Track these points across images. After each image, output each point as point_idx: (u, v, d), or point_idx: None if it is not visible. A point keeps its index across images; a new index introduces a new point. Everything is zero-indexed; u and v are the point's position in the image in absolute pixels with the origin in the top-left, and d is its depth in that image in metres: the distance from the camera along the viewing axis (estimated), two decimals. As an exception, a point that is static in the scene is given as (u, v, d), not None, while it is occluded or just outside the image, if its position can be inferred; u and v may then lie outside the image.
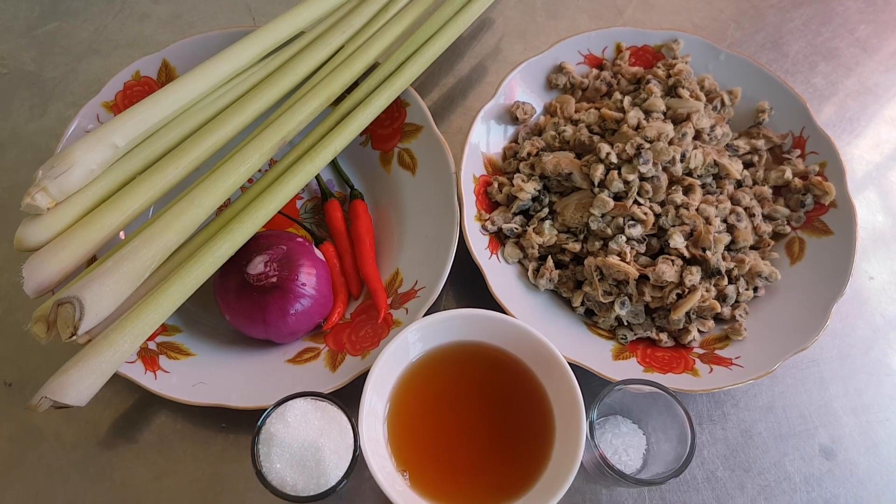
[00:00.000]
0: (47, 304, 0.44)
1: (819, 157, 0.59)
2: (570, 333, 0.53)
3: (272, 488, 0.40)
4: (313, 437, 0.41)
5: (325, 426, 0.42)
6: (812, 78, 0.71)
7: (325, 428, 0.42)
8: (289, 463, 0.41)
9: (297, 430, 0.41)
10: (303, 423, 0.42)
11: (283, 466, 0.41)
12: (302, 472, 0.41)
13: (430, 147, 0.57)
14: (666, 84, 0.59)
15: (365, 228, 0.56)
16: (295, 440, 0.41)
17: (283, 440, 0.41)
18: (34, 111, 0.65)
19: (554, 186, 0.56)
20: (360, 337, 0.52)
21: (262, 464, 0.41)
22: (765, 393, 0.55)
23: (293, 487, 0.41)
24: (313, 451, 0.41)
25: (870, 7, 0.76)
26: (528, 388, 0.48)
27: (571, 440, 0.44)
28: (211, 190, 0.49)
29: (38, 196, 0.46)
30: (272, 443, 0.41)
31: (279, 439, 0.41)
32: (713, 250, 0.51)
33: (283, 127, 0.52)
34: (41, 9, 0.71)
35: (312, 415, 0.42)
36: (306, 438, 0.41)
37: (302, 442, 0.41)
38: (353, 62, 0.56)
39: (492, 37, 0.72)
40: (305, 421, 0.42)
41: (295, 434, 0.41)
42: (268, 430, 0.41)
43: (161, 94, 0.51)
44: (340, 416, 0.43)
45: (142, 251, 0.46)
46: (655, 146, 0.52)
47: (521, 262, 0.56)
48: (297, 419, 0.42)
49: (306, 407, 0.42)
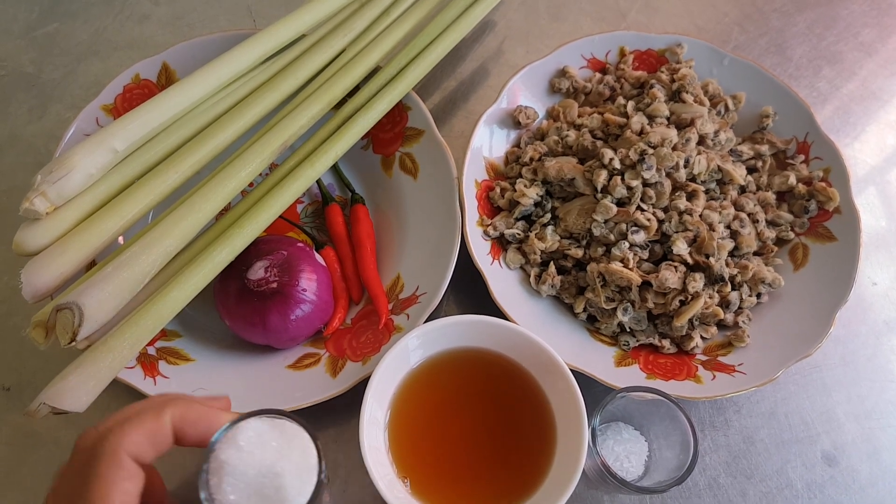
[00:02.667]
0: (46, 310, 0.44)
1: (823, 162, 0.58)
2: (573, 340, 0.53)
3: None
4: (271, 461, 0.35)
5: (285, 447, 0.36)
6: (816, 82, 0.71)
7: (285, 449, 0.36)
8: (245, 494, 0.34)
9: (252, 456, 0.35)
10: (258, 447, 0.35)
11: (238, 499, 0.34)
12: (262, 501, 0.34)
13: (431, 151, 0.56)
14: (670, 89, 0.59)
15: (366, 233, 0.56)
16: (250, 467, 0.34)
17: (237, 468, 0.34)
18: (33, 113, 0.64)
19: (556, 192, 0.56)
20: (361, 343, 0.51)
21: (214, 498, 0.34)
22: (767, 399, 0.55)
23: None
24: (272, 477, 0.35)
25: (874, 11, 0.76)
26: (530, 394, 0.47)
27: (573, 447, 0.44)
28: (211, 195, 0.48)
29: (36, 200, 0.45)
30: (223, 472, 0.34)
31: (232, 467, 0.34)
32: (717, 257, 0.51)
33: (284, 131, 0.52)
34: (40, 10, 0.71)
35: (269, 435, 0.36)
36: (263, 464, 0.35)
37: (258, 468, 0.34)
38: (354, 66, 0.56)
39: (494, 39, 0.71)
40: (261, 444, 0.35)
41: (249, 460, 0.34)
42: (217, 458, 0.34)
43: (161, 97, 0.50)
44: (301, 435, 0.36)
45: (141, 257, 0.45)
46: (659, 151, 0.51)
47: (522, 267, 0.55)
48: (251, 442, 0.35)
49: (261, 427, 0.36)
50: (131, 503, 0.31)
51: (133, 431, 0.32)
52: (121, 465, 0.31)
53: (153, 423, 0.33)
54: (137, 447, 0.32)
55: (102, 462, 0.31)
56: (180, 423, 0.34)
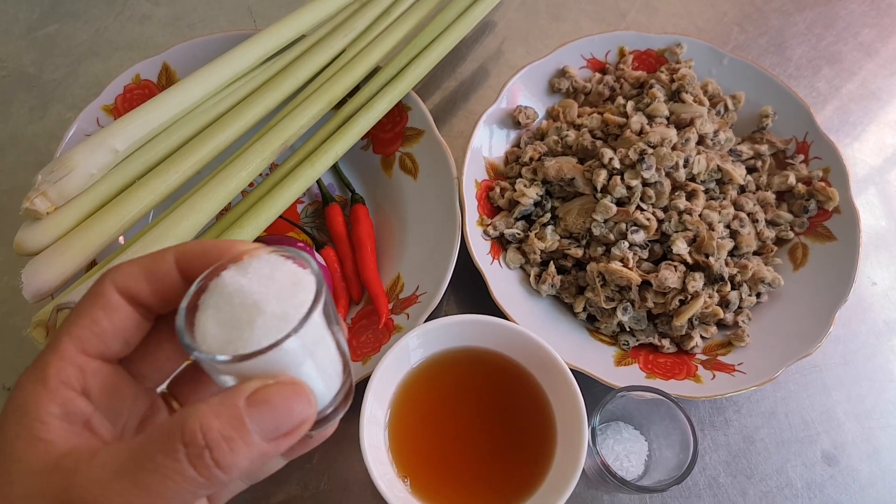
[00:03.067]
0: (47, 309, 0.44)
1: (822, 162, 0.58)
2: (572, 339, 0.53)
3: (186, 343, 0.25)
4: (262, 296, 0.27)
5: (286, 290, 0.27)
6: (815, 82, 0.71)
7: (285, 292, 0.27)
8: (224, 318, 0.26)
9: (250, 284, 0.27)
10: (261, 279, 0.27)
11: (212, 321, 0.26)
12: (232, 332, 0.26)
13: (431, 151, 0.56)
14: (669, 88, 0.59)
15: (366, 233, 0.56)
16: (240, 294, 0.27)
17: (228, 291, 0.27)
18: (34, 113, 0.64)
19: (556, 191, 0.56)
20: (361, 342, 0.51)
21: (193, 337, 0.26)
22: (767, 399, 0.55)
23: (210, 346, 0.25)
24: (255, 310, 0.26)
25: (873, 11, 0.76)
26: (530, 393, 0.47)
27: (573, 446, 0.44)
28: (212, 194, 0.48)
29: (37, 200, 0.45)
30: (214, 292, 0.27)
31: (224, 289, 0.27)
32: (716, 256, 0.51)
33: (284, 131, 0.52)
34: (41, 10, 0.71)
35: (280, 275, 0.28)
36: (253, 295, 0.27)
37: (245, 298, 0.27)
38: (354, 66, 0.56)
39: (494, 40, 0.71)
40: (267, 278, 0.27)
41: (244, 287, 0.27)
42: (215, 277, 0.27)
43: (161, 97, 0.51)
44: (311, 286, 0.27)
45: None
46: (658, 151, 0.51)
47: (522, 267, 0.55)
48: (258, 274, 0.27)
49: (278, 264, 0.28)
50: (103, 336, 0.25)
51: (126, 265, 0.27)
52: (101, 294, 0.26)
53: (151, 258, 0.27)
54: (128, 279, 0.26)
55: (87, 293, 0.26)
56: (185, 255, 0.27)
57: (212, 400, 0.23)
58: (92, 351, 0.25)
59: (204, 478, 0.22)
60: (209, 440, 0.22)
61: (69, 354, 0.25)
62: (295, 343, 0.25)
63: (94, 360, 0.25)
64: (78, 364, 0.25)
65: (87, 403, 0.25)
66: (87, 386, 0.25)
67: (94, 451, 0.23)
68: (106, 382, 0.26)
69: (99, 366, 0.26)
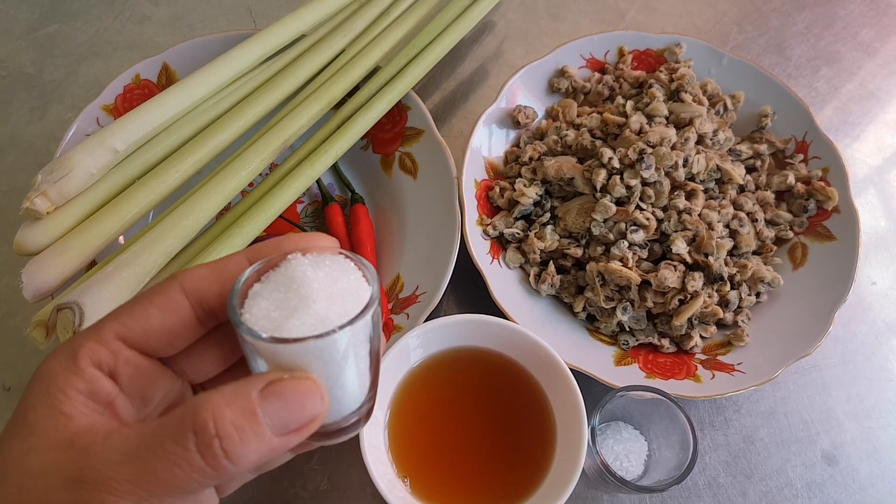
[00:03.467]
0: (47, 309, 0.44)
1: (822, 161, 0.59)
2: (572, 339, 0.53)
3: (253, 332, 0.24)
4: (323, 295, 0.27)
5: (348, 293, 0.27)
6: (814, 82, 0.71)
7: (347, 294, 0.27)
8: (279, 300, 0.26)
9: (315, 279, 0.27)
10: (332, 279, 0.27)
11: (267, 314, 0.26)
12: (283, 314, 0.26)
13: (431, 151, 0.56)
14: (668, 88, 0.59)
15: (366, 233, 0.56)
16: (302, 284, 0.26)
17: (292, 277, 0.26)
18: (34, 114, 0.64)
19: (556, 191, 0.56)
20: (361, 342, 0.51)
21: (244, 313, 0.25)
22: (766, 398, 0.55)
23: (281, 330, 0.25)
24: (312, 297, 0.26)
25: (872, 11, 0.76)
26: (530, 393, 0.47)
27: (573, 446, 0.44)
28: (211, 194, 0.48)
29: (37, 200, 0.45)
30: (279, 271, 0.27)
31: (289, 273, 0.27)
32: (716, 256, 0.51)
33: (284, 131, 0.52)
34: (41, 11, 0.71)
35: (345, 277, 0.28)
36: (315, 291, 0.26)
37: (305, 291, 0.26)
38: (354, 66, 0.56)
39: (493, 40, 0.72)
40: (338, 276, 0.28)
41: (318, 284, 0.27)
42: (290, 263, 0.27)
43: (161, 97, 0.51)
44: (364, 295, 0.27)
45: (142, 256, 0.45)
46: (658, 151, 0.51)
47: (522, 267, 0.55)
48: (331, 272, 0.27)
49: (347, 266, 0.28)
50: (148, 329, 0.25)
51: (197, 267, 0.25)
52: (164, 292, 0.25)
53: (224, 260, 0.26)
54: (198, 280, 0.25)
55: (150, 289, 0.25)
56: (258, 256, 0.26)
57: (225, 389, 0.23)
58: (133, 342, 0.25)
59: (212, 468, 0.22)
60: (220, 429, 0.22)
61: (106, 338, 0.24)
62: (334, 343, 0.25)
63: (131, 350, 0.25)
64: (113, 349, 0.24)
65: (114, 386, 0.25)
66: (117, 371, 0.25)
67: (110, 431, 0.23)
68: (138, 372, 0.25)
69: (134, 355, 0.25)
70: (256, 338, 0.24)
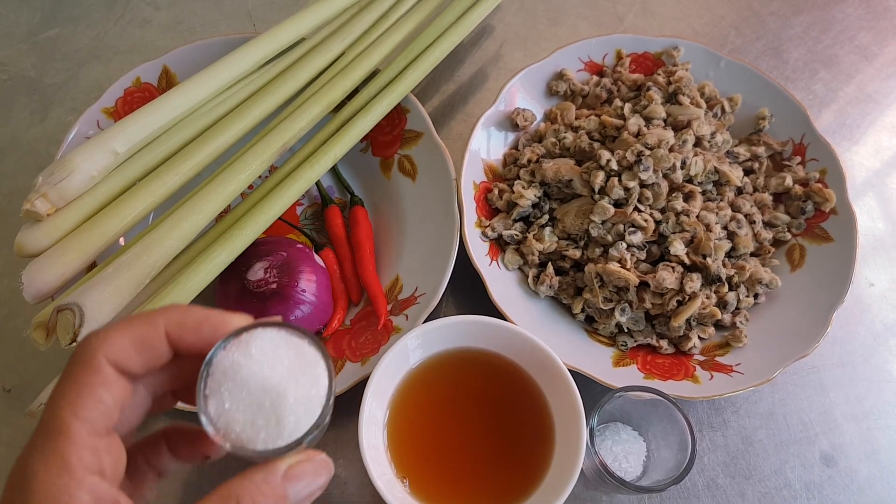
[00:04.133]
0: (47, 311, 0.44)
1: (819, 164, 0.59)
2: (571, 340, 0.53)
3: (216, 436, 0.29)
4: (278, 379, 0.30)
5: (296, 369, 0.31)
6: (812, 85, 0.72)
7: (296, 371, 0.31)
8: (242, 405, 0.29)
9: (261, 367, 0.30)
10: (269, 360, 0.30)
11: (232, 407, 0.29)
12: (257, 419, 0.29)
13: (430, 153, 0.57)
14: (666, 91, 0.59)
15: (365, 235, 0.56)
16: (255, 379, 0.29)
17: (240, 376, 0.29)
18: (34, 117, 0.65)
19: (554, 193, 0.56)
20: (360, 343, 0.52)
21: (209, 411, 0.29)
22: (765, 399, 0.55)
23: (240, 436, 0.29)
24: (275, 396, 0.30)
25: (870, 14, 0.76)
26: (529, 394, 0.48)
27: (572, 447, 0.44)
28: (211, 196, 0.49)
29: (38, 202, 0.46)
30: (226, 376, 0.30)
31: (235, 374, 0.30)
32: (713, 257, 0.51)
33: (283, 134, 0.52)
34: (42, 14, 0.71)
35: (283, 352, 0.31)
36: (269, 380, 0.30)
37: (263, 383, 0.30)
38: (353, 69, 0.56)
39: (492, 43, 0.72)
40: (274, 357, 0.30)
41: (257, 371, 0.30)
42: (222, 361, 0.30)
43: (161, 100, 0.51)
44: (317, 361, 0.31)
45: (142, 258, 0.46)
46: (656, 153, 0.52)
47: (521, 268, 0.56)
48: (264, 353, 0.30)
49: (278, 340, 0.31)
50: (108, 413, 0.26)
51: (115, 335, 0.27)
52: (97, 369, 0.26)
53: (141, 328, 0.28)
54: (120, 352, 0.27)
55: (77, 365, 0.27)
56: (177, 328, 0.28)
57: (255, 477, 0.28)
58: (102, 430, 0.26)
59: None
60: None
61: (83, 439, 0.25)
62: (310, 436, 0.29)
63: (103, 438, 0.26)
64: (92, 447, 0.26)
65: (109, 486, 0.26)
66: (102, 466, 0.26)
67: None
68: (115, 453, 0.27)
69: (107, 441, 0.27)
70: (257, 454, 0.28)
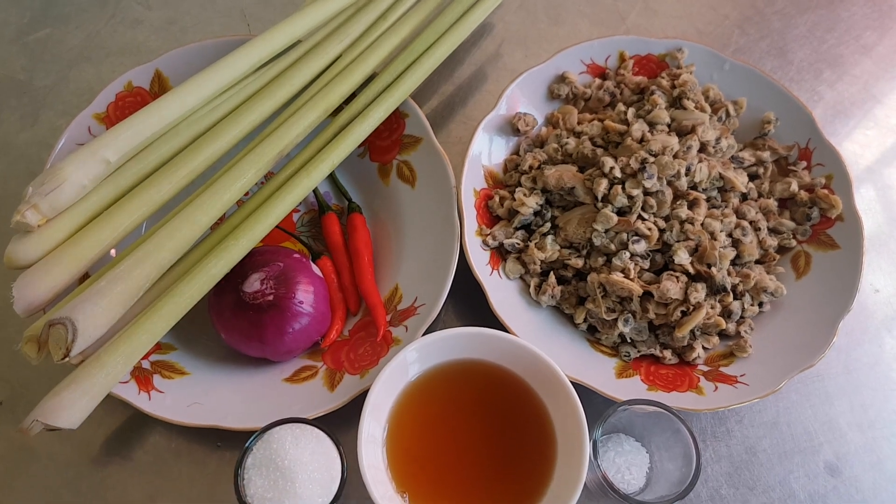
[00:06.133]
0: (38, 324, 0.44)
1: (825, 168, 0.58)
2: (573, 350, 0.52)
3: None
4: (299, 465, 0.42)
5: (312, 454, 0.43)
6: (817, 85, 0.70)
7: (312, 456, 0.42)
8: (271, 489, 0.41)
9: (282, 458, 0.41)
10: (291, 450, 0.42)
11: (264, 494, 0.41)
12: (284, 500, 0.41)
13: (429, 159, 0.55)
14: (670, 95, 0.58)
15: (363, 242, 0.55)
16: (279, 468, 0.41)
17: (267, 467, 0.42)
18: (25, 121, 0.63)
19: (556, 201, 0.55)
20: (359, 355, 0.51)
21: (245, 491, 0.41)
22: (769, 409, 0.55)
23: None
24: (297, 479, 0.41)
25: (875, 13, 0.75)
26: (530, 406, 0.47)
27: (574, 460, 0.43)
28: (206, 206, 0.48)
29: (28, 213, 0.45)
30: (255, 469, 0.42)
31: (263, 466, 0.42)
32: (718, 266, 0.51)
33: (279, 140, 0.51)
34: (32, 14, 0.70)
35: (302, 441, 0.43)
36: (291, 466, 0.41)
37: (286, 470, 0.41)
38: (351, 72, 0.55)
39: (492, 43, 0.71)
40: (294, 447, 0.42)
41: (280, 461, 0.41)
42: (253, 456, 0.42)
43: (154, 106, 0.50)
44: (328, 445, 0.43)
45: (135, 270, 0.45)
46: (660, 160, 0.51)
47: (522, 277, 0.55)
48: (284, 446, 0.42)
49: (295, 433, 0.43)
50: None
51: None
52: None
53: None
54: None
55: None
56: None
57: None
58: None
59: None
60: None
61: None
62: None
63: None
64: None
65: None
66: None
67: None
68: None
69: None
70: None
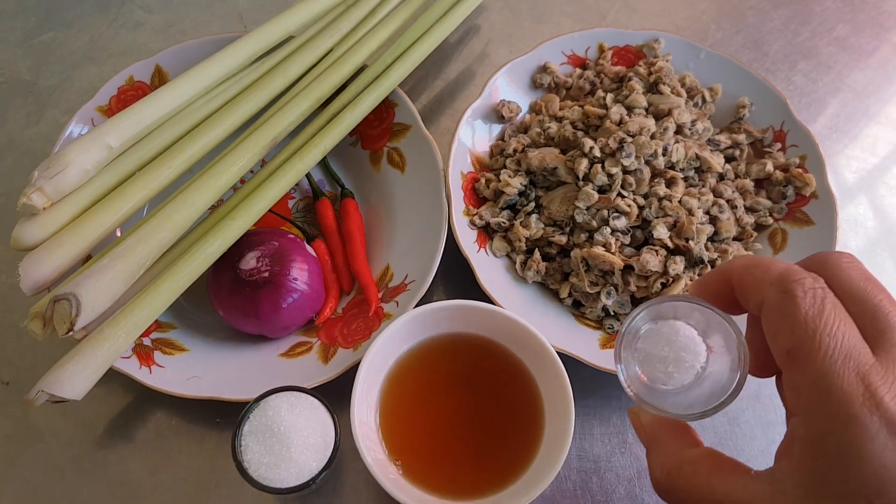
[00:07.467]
0: (43, 301, 0.45)
1: (799, 149, 0.60)
2: (559, 324, 0.54)
3: (252, 480, 0.42)
4: (294, 431, 0.43)
5: (307, 421, 0.44)
6: (792, 76, 0.73)
7: (307, 423, 0.44)
8: (267, 454, 0.43)
9: (278, 424, 0.43)
10: (287, 416, 0.43)
11: (260, 459, 0.43)
12: (280, 465, 0.43)
13: (418, 145, 0.58)
14: (647, 81, 0.61)
15: (356, 225, 0.57)
16: (275, 434, 0.43)
17: (264, 433, 0.43)
18: (30, 118, 0.66)
19: (540, 181, 0.57)
20: (352, 330, 0.53)
21: (242, 457, 0.43)
22: (751, 380, 0.55)
23: (271, 480, 0.42)
24: (293, 445, 0.43)
25: (847, 7, 0.78)
26: (518, 377, 0.48)
27: (560, 428, 0.45)
28: (204, 189, 0.50)
29: (34, 196, 0.46)
30: (252, 436, 0.43)
31: (259, 432, 0.43)
32: (696, 240, 0.52)
33: (273, 128, 0.53)
34: (37, 19, 0.72)
35: (297, 408, 0.44)
36: (287, 433, 0.43)
37: (281, 436, 0.43)
38: (341, 65, 0.57)
39: (478, 42, 0.73)
40: (290, 414, 0.43)
41: (276, 428, 0.43)
42: (250, 424, 0.43)
43: (154, 96, 0.52)
44: (323, 413, 0.45)
45: (136, 249, 0.46)
46: (637, 140, 0.53)
47: (508, 255, 0.57)
48: (280, 413, 0.43)
49: (290, 401, 0.44)
50: None
51: None
52: None
53: None
54: None
55: None
56: None
57: None
58: None
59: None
60: None
61: None
62: None
63: None
64: None
65: None
66: None
67: None
68: None
69: None
70: None
